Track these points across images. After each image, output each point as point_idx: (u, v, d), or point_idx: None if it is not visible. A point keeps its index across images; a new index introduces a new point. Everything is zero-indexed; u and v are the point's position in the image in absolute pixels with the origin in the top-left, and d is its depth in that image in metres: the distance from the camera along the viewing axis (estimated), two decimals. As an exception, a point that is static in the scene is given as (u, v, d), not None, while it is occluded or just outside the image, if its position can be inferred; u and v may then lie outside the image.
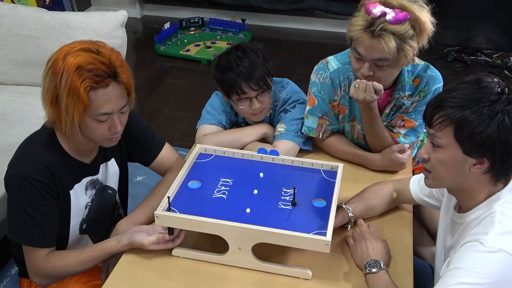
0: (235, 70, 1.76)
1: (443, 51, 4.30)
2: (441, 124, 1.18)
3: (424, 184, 1.53)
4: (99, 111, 1.35)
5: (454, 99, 1.16)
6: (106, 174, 1.63)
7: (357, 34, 1.57)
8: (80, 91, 1.30)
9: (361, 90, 1.63)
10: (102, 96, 1.34)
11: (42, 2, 4.12)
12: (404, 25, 1.52)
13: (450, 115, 1.16)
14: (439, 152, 1.21)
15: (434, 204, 1.53)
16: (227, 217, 1.36)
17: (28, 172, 1.40)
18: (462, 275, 1.12)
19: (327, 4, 4.65)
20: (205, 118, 1.92)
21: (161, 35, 4.46)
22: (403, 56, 1.56)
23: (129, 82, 1.40)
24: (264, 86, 1.79)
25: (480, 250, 1.12)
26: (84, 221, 1.61)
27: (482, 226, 1.18)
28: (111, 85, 1.34)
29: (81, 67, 1.30)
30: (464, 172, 1.20)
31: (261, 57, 1.80)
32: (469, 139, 1.14)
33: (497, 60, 4.27)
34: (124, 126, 1.45)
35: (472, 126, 1.13)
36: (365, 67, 1.62)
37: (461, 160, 1.18)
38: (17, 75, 2.71)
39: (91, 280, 1.63)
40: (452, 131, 1.16)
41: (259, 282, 1.39)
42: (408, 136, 1.83)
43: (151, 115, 3.50)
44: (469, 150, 1.16)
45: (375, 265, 1.36)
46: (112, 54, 1.36)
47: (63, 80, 1.31)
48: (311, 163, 1.61)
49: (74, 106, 1.32)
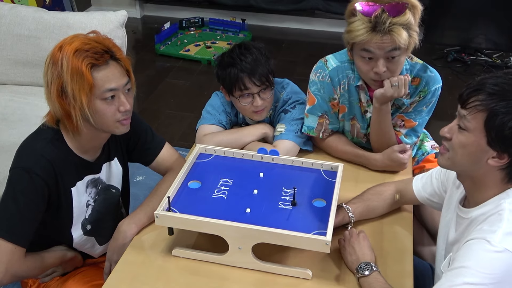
0: (239, 66, 1.77)
1: (443, 51, 4.30)
2: (475, 107, 1.15)
3: (426, 182, 1.53)
4: (104, 88, 1.38)
5: (495, 86, 1.14)
6: (110, 173, 1.63)
7: (364, 38, 1.56)
8: (83, 70, 1.33)
9: (401, 86, 1.65)
10: (105, 73, 1.37)
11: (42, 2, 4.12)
12: (406, 14, 1.55)
13: (486, 102, 1.13)
14: (463, 135, 1.19)
15: (437, 202, 1.51)
16: (227, 217, 1.36)
17: (30, 165, 1.40)
18: (467, 275, 1.11)
19: (327, 4, 4.65)
20: (205, 118, 1.92)
21: (161, 35, 4.46)
22: (412, 42, 1.60)
23: (126, 61, 1.45)
24: (266, 83, 1.80)
25: (487, 249, 1.11)
26: (87, 221, 1.61)
27: (489, 223, 1.16)
28: (110, 63, 1.39)
29: (79, 49, 1.34)
30: (481, 162, 1.18)
31: (264, 55, 1.81)
32: (498, 130, 1.12)
33: (497, 60, 4.27)
34: (132, 107, 1.47)
35: (505, 118, 1.11)
36: (380, 64, 1.62)
37: (483, 149, 1.16)
38: (17, 75, 2.71)
39: (91, 280, 1.63)
40: (483, 118, 1.14)
41: (259, 282, 1.39)
42: (409, 136, 1.83)
43: (151, 115, 3.50)
44: (494, 141, 1.14)
45: (367, 268, 1.35)
46: (104, 37, 1.43)
47: (64, 65, 1.34)
48: (311, 163, 1.61)
49: (79, 88, 1.34)
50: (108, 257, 1.55)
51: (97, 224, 1.64)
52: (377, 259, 1.44)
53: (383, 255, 1.47)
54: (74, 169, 1.50)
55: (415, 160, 2.02)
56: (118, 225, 1.56)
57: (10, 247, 1.39)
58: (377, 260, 1.44)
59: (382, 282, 1.31)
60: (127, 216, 1.66)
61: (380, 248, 1.49)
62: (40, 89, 2.63)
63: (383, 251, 1.49)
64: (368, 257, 1.39)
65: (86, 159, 1.52)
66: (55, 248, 1.60)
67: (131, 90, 1.47)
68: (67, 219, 1.54)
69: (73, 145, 1.48)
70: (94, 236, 1.65)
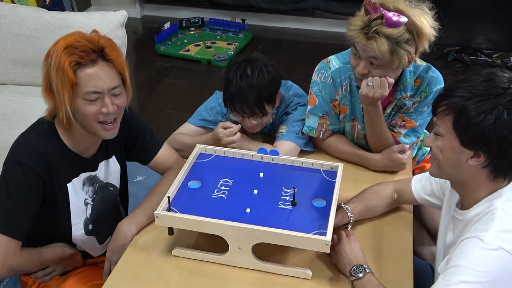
0: (233, 88, 1.73)
1: (443, 51, 4.29)
2: (443, 112, 1.18)
3: (425, 183, 1.53)
4: (87, 89, 1.36)
5: (461, 89, 1.16)
6: (108, 172, 1.63)
7: (353, 34, 1.59)
8: (65, 67, 1.32)
9: (376, 86, 1.64)
10: (89, 72, 1.35)
11: (42, 2, 4.12)
12: (399, 29, 1.53)
13: (452, 104, 1.16)
14: (439, 140, 1.21)
15: (436, 203, 1.52)
16: (227, 217, 1.36)
17: (23, 158, 1.40)
18: (462, 273, 1.11)
19: (327, 4, 4.65)
20: (194, 117, 1.94)
21: (161, 35, 4.46)
22: (397, 59, 1.57)
23: (120, 63, 1.40)
24: (257, 112, 1.75)
25: (480, 247, 1.12)
26: (89, 220, 1.60)
27: (482, 223, 1.17)
28: (98, 63, 1.36)
29: (69, 46, 1.34)
30: (462, 164, 1.20)
31: (266, 78, 1.73)
32: (465, 130, 1.14)
33: (497, 60, 4.27)
34: (120, 111, 1.44)
35: (469, 117, 1.13)
36: (360, 65, 1.64)
37: (458, 150, 1.18)
38: (17, 75, 2.71)
39: (91, 280, 1.63)
40: (451, 120, 1.17)
41: (259, 282, 1.39)
42: (409, 136, 1.83)
43: (151, 115, 3.50)
44: (466, 141, 1.16)
45: (360, 270, 1.35)
46: (101, 37, 1.39)
47: (52, 60, 1.34)
48: (311, 163, 1.61)
49: (62, 83, 1.33)
50: (108, 257, 1.55)
51: (97, 223, 1.64)
52: (377, 259, 1.44)
53: (383, 255, 1.47)
54: (69, 164, 1.50)
55: (415, 161, 2.02)
56: (117, 225, 1.55)
57: (6, 240, 1.39)
58: (377, 260, 1.44)
59: (375, 283, 1.31)
60: (125, 215, 1.66)
61: (380, 248, 1.49)
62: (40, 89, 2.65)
63: (383, 251, 1.49)
64: (361, 259, 1.39)
65: (81, 156, 1.52)
66: (54, 244, 1.60)
67: (123, 94, 1.44)
68: (65, 215, 1.54)
69: (67, 140, 1.48)
70: (95, 235, 1.65)
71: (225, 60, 4.19)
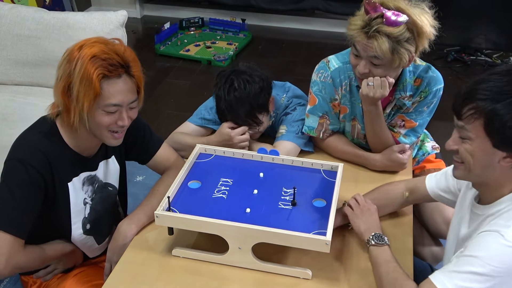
0: (222, 104, 1.74)
1: (443, 51, 4.29)
2: (471, 116, 1.15)
3: (440, 179, 1.52)
4: (109, 102, 1.38)
5: (485, 91, 1.14)
6: (107, 172, 1.63)
7: (354, 34, 1.59)
8: (93, 78, 1.33)
9: (377, 86, 1.64)
10: (114, 86, 1.37)
11: (42, 2, 4.12)
12: (399, 28, 1.53)
13: (481, 108, 1.13)
14: (468, 143, 1.19)
15: (450, 199, 1.50)
16: (227, 217, 1.36)
17: (25, 157, 1.40)
18: (475, 264, 1.11)
19: (327, 4, 4.65)
20: (194, 116, 1.94)
21: (161, 35, 4.46)
22: (398, 58, 1.58)
23: (140, 78, 1.45)
24: (251, 123, 1.77)
25: (499, 242, 1.11)
26: (87, 220, 1.61)
27: (504, 218, 1.16)
28: (123, 77, 1.38)
29: (96, 56, 1.34)
30: (494, 165, 1.18)
31: (254, 89, 1.72)
32: (500, 132, 1.12)
33: (497, 60, 4.27)
34: (130, 123, 1.47)
35: (503, 120, 1.11)
36: (361, 65, 1.64)
37: (490, 152, 1.16)
38: (17, 75, 2.70)
39: (91, 280, 1.63)
40: (482, 124, 1.14)
41: (259, 282, 1.39)
42: (409, 136, 1.83)
43: (151, 115, 3.50)
44: (499, 143, 1.14)
45: (381, 239, 1.37)
46: (126, 49, 1.42)
47: (77, 67, 1.34)
48: (311, 163, 1.61)
49: (85, 93, 1.34)
50: (108, 257, 1.55)
51: (95, 223, 1.64)
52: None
53: (383, 255, 1.47)
54: (70, 163, 1.50)
55: (415, 161, 2.02)
56: (118, 226, 1.56)
57: (9, 238, 1.39)
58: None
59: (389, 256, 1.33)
60: (123, 215, 1.66)
61: (380, 248, 1.49)
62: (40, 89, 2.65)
63: (383, 251, 1.48)
64: (380, 230, 1.41)
65: (82, 155, 1.52)
66: (54, 241, 1.60)
67: (137, 106, 1.48)
68: (65, 214, 1.54)
69: (69, 140, 1.48)
70: (93, 235, 1.65)
71: (225, 60, 4.19)
